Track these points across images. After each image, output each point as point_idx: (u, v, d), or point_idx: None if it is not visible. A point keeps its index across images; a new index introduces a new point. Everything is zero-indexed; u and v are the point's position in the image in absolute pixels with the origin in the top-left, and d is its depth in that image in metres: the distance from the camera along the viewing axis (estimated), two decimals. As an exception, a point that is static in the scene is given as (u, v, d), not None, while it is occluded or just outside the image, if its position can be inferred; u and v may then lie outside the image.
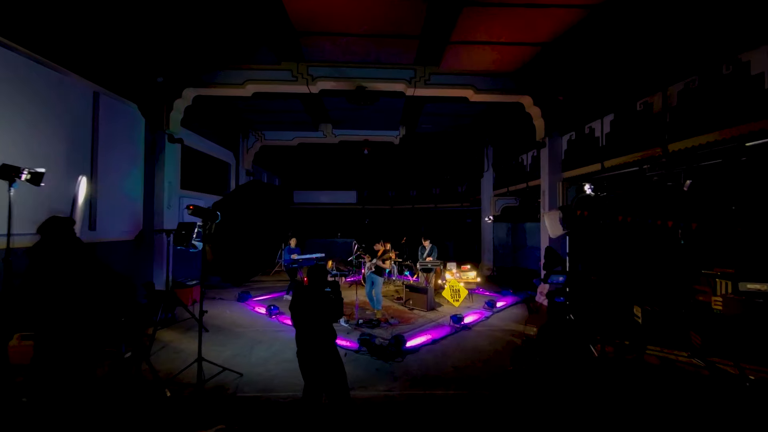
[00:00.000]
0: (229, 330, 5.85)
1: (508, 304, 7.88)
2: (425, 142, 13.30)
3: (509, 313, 7.17)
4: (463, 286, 7.78)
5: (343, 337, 5.44)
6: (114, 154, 6.42)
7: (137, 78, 7.06)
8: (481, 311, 7.23)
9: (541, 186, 8.42)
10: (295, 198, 18.86)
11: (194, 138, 9.25)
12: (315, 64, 7.60)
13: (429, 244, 8.60)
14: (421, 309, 7.26)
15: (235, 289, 9.05)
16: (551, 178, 8.10)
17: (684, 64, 4.92)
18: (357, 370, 4.28)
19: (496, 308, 7.46)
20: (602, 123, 6.64)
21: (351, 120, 11.54)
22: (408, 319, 6.65)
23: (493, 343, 5.33)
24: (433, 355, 4.84)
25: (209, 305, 7.65)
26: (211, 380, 3.87)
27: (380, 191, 19.43)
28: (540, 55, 6.79)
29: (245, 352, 4.85)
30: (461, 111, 10.18)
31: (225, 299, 8.22)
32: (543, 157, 8.40)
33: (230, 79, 7.71)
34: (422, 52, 6.92)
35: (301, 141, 12.66)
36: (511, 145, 11.39)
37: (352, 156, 14.84)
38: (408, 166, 17.11)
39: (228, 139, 11.53)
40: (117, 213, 6.48)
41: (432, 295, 7.42)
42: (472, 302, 7.97)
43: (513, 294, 8.83)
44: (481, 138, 12.78)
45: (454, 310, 7.24)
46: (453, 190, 16.89)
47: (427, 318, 6.72)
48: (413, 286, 7.68)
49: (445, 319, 6.59)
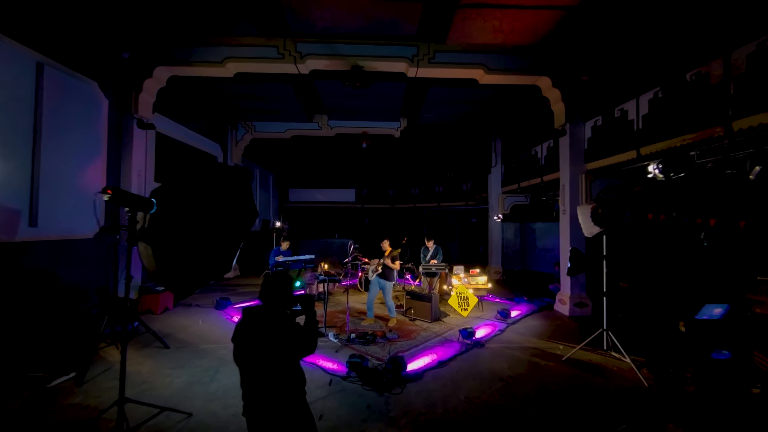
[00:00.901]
0: (194, 346, 4.89)
1: (524, 314, 6.89)
2: (428, 135, 12.33)
3: (527, 326, 6.18)
4: (472, 293, 6.79)
5: (329, 357, 4.47)
6: (66, 138, 5.48)
7: (97, 51, 6.13)
8: (494, 323, 6.25)
9: (560, 180, 7.43)
10: (290, 196, 17.92)
11: (171, 126, 8.32)
12: (304, 39, 6.65)
13: (433, 245, 7.63)
14: (424, 320, 6.29)
15: (215, 294, 8.10)
16: (572, 171, 7.11)
17: (755, 21, 3.94)
18: (342, 408, 3.31)
19: (510, 319, 6.47)
20: (638, 103, 5.66)
21: (347, 110, 10.60)
22: (409, 332, 5.67)
23: (514, 366, 4.35)
24: (440, 383, 3.86)
25: (181, 313, 6.70)
26: (144, 426, 2.91)
27: (380, 189, 18.47)
28: (563, 23, 5.83)
29: (206, 379, 3.88)
30: (467, 97, 9.20)
31: (202, 306, 7.26)
32: (563, 147, 7.41)
33: (208, 57, 6.76)
34: (427, 19, 5.95)
35: (294, 133, 11.72)
36: (522, 137, 10.41)
37: (350, 151, 13.89)
38: (409, 163, 16.12)
39: (214, 129, 10.60)
40: (69, 206, 5.52)
41: (437, 304, 6.44)
42: (482, 311, 6.99)
43: (527, 301, 7.84)
44: (488, 130, 11.80)
45: (462, 322, 6.26)
46: (457, 188, 15.92)
47: (432, 331, 5.74)
48: (415, 292, 6.70)
49: (452, 332, 5.61)
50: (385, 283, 6.00)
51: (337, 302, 7.65)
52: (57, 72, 5.34)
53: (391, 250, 6.02)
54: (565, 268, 6.57)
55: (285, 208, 17.71)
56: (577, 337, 5.39)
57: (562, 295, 7.17)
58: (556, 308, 7.30)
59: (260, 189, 14.69)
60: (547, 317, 6.76)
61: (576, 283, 6.99)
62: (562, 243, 7.36)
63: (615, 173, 6.85)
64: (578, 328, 5.94)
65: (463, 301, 6.71)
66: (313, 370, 4.13)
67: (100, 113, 6.21)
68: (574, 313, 6.80)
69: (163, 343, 4.83)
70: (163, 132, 7.89)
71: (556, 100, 7.18)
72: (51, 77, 5.20)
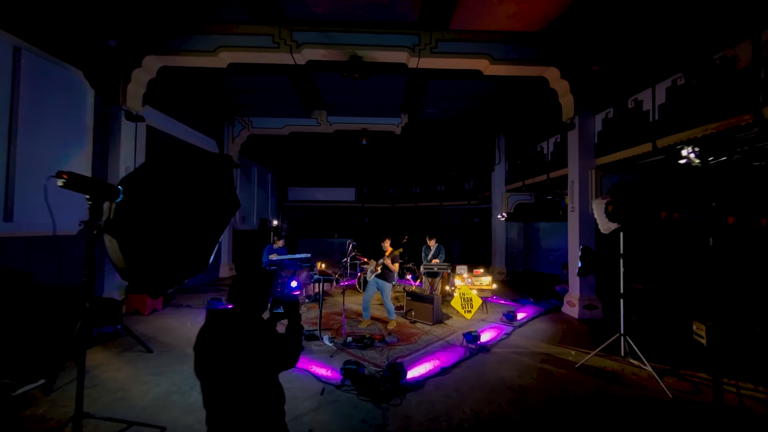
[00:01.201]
0: (179, 350, 4.56)
1: (530, 317, 6.54)
2: (430, 132, 12.01)
3: (534, 329, 5.83)
4: (475, 294, 6.45)
5: (323, 363, 4.14)
6: (47, 128, 5.18)
7: (81, 38, 5.82)
8: (500, 326, 5.90)
9: (569, 176, 7.08)
10: (289, 195, 17.60)
11: (163, 119, 8.01)
12: (300, 27, 6.33)
13: (435, 244, 7.29)
14: (425, 322, 5.95)
15: (206, 294, 7.78)
16: (582, 166, 6.77)
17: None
18: (334, 421, 2.97)
19: (517, 321, 6.13)
20: (654, 92, 5.32)
21: (347, 105, 10.29)
22: (409, 335, 5.33)
23: (524, 374, 4.00)
24: (443, 393, 3.52)
25: (170, 314, 6.38)
26: (110, 442, 2.58)
27: (381, 188, 18.13)
28: (573, 6, 5.50)
29: (186, 387, 3.55)
30: (471, 91, 8.90)
31: (193, 306, 6.94)
32: (571, 142, 7.06)
33: (199, 46, 6.45)
34: (429, 2, 5.62)
35: (292, 129, 11.40)
36: (527, 132, 10.06)
37: (350, 148, 13.58)
38: (411, 161, 15.79)
39: (209, 124, 10.29)
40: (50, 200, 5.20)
41: (439, 306, 6.10)
42: (487, 313, 6.64)
43: (533, 303, 7.48)
44: (491, 126, 11.47)
45: (465, 324, 5.91)
46: (459, 187, 15.57)
47: (434, 335, 5.40)
48: (416, 293, 6.36)
49: (456, 336, 5.27)
50: (383, 283, 5.67)
51: (334, 303, 7.32)
52: (37, 58, 5.03)
53: (392, 250, 5.69)
54: (575, 267, 6.22)
55: (284, 207, 17.40)
56: (588, 341, 5.04)
57: (571, 297, 6.82)
58: (564, 311, 6.95)
59: (258, 187, 14.38)
60: (555, 320, 6.41)
61: (585, 284, 6.63)
62: (570, 242, 7.02)
63: (628, 167, 6.50)
64: (589, 332, 5.59)
65: (466, 302, 6.37)
66: (304, 377, 3.80)
67: (85, 103, 5.91)
68: (584, 315, 6.44)
69: (146, 347, 4.51)
70: (153, 125, 7.58)
71: (565, 92, 6.84)
72: (30, 63, 4.90)
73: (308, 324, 5.59)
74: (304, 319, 5.94)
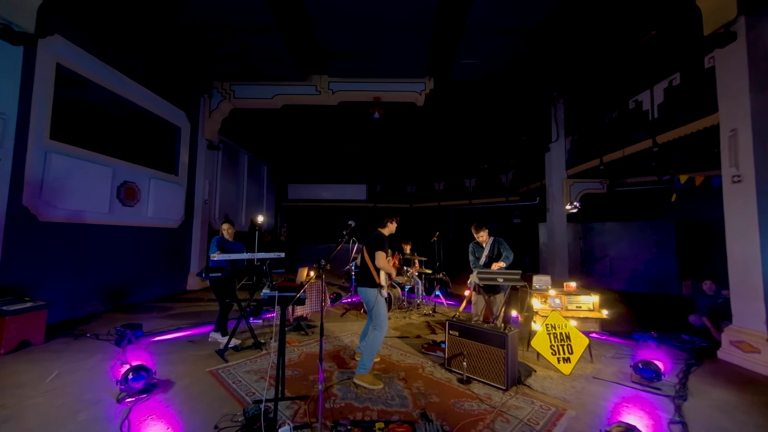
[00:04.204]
0: None
1: (676, 371, 3.57)
2: (462, 101, 9.21)
3: (716, 404, 2.85)
4: (576, 330, 3.53)
5: None
6: None
7: None
8: (640, 395, 2.95)
9: (723, 124, 4.16)
10: (289, 193, 15.09)
11: (94, 64, 5.59)
12: None
13: (488, 238, 4.46)
14: (492, 383, 3.07)
15: (139, 315, 5.16)
16: (756, 101, 3.86)
17: None
18: None
19: (666, 381, 3.16)
20: None
21: (354, 57, 7.69)
22: (463, 416, 2.46)
23: None
24: None
25: (49, 353, 3.68)
26: None
27: (397, 185, 15.40)
28: None
29: None
30: (525, 16, 6.10)
31: (101, 337, 4.30)
32: (726, 65, 4.16)
33: None
34: None
35: (285, 100, 8.89)
36: (608, 84, 7.16)
37: (358, 128, 10.95)
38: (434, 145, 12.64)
39: (175, 89, 7.90)
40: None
41: (515, 351, 3.21)
42: (592, 362, 3.71)
43: (656, 340, 4.46)
44: (546, 89, 8.60)
45: (564, 389, 3.00)
46: (494, 181, 12.71)
47: (516, 417, 2.52)
48: (469, 327, 3.45)
49: (565, 425, 2.37)
50: (366, 293, 2.96)
51: (329, 332, 4.56)
52: None
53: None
54: (748, 282, 3.28)
55: (283, 207, 14.88)
56: None
57: (742, 334, 3.80)
58: (724, 357, 3.93)
59: (249, 181, 11.93)
60: (729, 378, 3.41)
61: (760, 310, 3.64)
62: (729, 238, 4.04)
63: None
64: None
65: (560, 344, 3.46)
66: None
67: None
68: (784, 370, 3.43)
69: None
70: (72, 67, 5.18)
71: (715, -20, 4.02)
72: None
73: (255, 382, 2.81)
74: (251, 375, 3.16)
